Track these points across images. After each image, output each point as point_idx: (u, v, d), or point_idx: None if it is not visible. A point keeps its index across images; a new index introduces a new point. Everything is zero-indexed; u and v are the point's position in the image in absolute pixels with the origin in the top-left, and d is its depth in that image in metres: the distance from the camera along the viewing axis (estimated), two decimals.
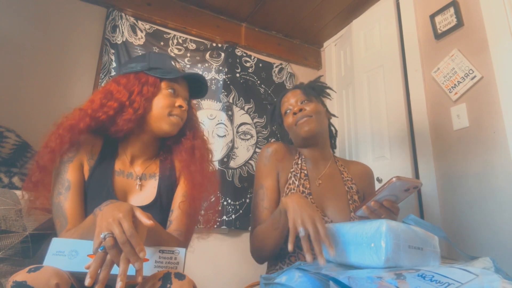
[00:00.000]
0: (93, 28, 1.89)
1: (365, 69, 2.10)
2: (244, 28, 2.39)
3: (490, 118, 1.43)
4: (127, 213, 0.67)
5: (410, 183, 0.83)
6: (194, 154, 1.02)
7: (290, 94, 1.22)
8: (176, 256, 0.76)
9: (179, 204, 0.96)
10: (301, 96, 1.19)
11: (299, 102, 1.18)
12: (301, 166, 1.16)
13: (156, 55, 1.03)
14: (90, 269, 0.61)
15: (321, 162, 1.20)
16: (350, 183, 1.18)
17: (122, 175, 0.96)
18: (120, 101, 0.91)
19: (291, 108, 1.19)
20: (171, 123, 0.96)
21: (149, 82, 0.95)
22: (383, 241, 0.72)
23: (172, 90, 0.97)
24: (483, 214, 1.42)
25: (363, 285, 0.62)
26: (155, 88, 0.95)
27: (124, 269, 0.62)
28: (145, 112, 0.94)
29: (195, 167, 0.99)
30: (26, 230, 1.06)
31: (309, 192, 1.10)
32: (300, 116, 1.14)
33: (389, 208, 0.88)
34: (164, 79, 0.97)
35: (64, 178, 0.88)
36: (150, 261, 0.74)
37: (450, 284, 0.59)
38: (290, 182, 1.12)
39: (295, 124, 1.16)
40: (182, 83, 1.01)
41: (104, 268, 0.62)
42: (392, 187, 0.82)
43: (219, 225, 1.91)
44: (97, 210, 0.72)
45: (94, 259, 0.62)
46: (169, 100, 0.96)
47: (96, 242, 0.64)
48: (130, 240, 0.63)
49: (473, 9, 1.54)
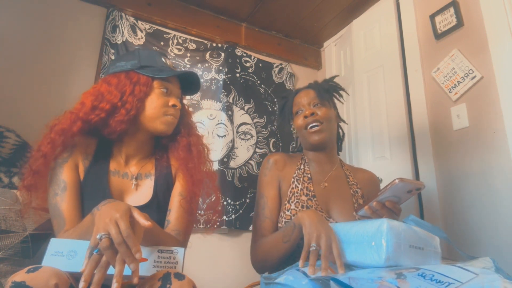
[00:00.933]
0: (93, 28, 1.89)
1: (365, 69, 2.10)
2: (244, 28, 2.39)
3: (490, 118, 1.43)
4: (124, 213, 0.66)
5: (412, 185, 0.83)
6: (191, 151, 1.01)
7: (303, 94, 1.20)
8: (174, 255, 0.76)
9: (176, 203, 0.95)
10: (314, 98, 1.17)
11: (312, 105, 1.16)
12: (304, 170, 1.16)
13: (146, 52, 1.00)
14: (84, 273, 0.60)
15: (327, 165, 1.19)
16: (356, 187, 1.17)
17: (118, 175, 0.95)
18: (112, 102, 0.90)
19: (303, 110, 1.17)
20: (166, 123, 0.95)
21: (141, 82, 0.93)
22: (384, 240, 0.72)
23: (165, 89, 0.96)
24: (483, 214, 1.42)
25: (364, 285, 0.62)
26: (148, 87, 0.93)
27: (120, 270, 0.61)
28: (138, 113, 0.92)
29: (193, 164, 0.98)
30: (26, 230, 1.06)
31: (313, 195, 1.09)
32: (311, 120, 1.13)
33: (391, 208, 0.88)
34: (157, 78, 0.95)
35: (60, 179, 0.88)
36: (149, 261, 0.74)
37: (450, 283, 0.59)
38: (293, 187, 1.12)
39: (304, 127, 1.15)
40: (174, 81, 0.99)
41: (99, 270, 0.61)
42: (394, 189, 0.82)
43: (219, 225, 1.91)
44: (95, 210, 0.71)
45: (89, 262, 0.62)
46: (163, 100, 0.95)
47: (93, 241, 0.64)
48: (127, 241, 0.63)
49: (473, 9, 1.54)
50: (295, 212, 1.05)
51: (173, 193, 0.98)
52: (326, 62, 2.60)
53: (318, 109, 1.15)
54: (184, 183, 0.98)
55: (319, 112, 1.14)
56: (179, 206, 0.95)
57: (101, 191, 0.90)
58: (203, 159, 1.03)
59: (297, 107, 1.19)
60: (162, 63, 0.98)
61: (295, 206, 1.07)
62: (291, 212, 1.06)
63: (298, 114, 1.18)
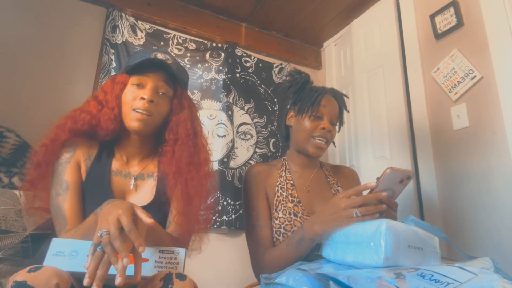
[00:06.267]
0: (93, 28, 1.89)
1: (365, 69, 2.10)
2: (244, 28, 2.39)
3: (490, 118, 1.43)
4: (126, 210, 0.67)
5: (403, 173, 0.85)
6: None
7: (333, 103, 1.17)
8: (176, 256, 0.76)
9: (178, 203, 0.94)
10: (336, 115, 1.18)
11: (332, 121, 1.16)
12: (286, 178, 1.16)
13: (139, 52, 0.99)
14: (88, 269, 0.61)
15: (308, 169, 1.21)
16: (336, 186, 1.20)
17: (120, 175, 0.95)
18: (99, 101, 0.93)
19: (323, 119, 1.14)
20: (135, 119, 0.90)
21: (118, 79, 0.95)
22: (382, 240, 0.72)
23: (137, 83, 0.93)
24: (483, 214, 1.41)
25: (363, 284, 0.62)
26: (123, 84, 0.94)
27: (122, 267, 0.61)
28: (121, 111, 0.93)
29: (193, 164, 0.96)
30: (26, 230, 1.06)
31: (298, 201, 1.10)
32: (322, 135, 1.13)
33: (388, 203, 0.87)
34: (132, 73, 0.94)
35: (62, 179, 0.88)
36: (150, 261, 0.74)
37: (449, 283, 0.59)
38: (278, 195, 1.12)
39: (312, 135, 1.13)
40: (156, 74, 0.94)
41: (101, 266, 0.62)
42: (388, 178, 0.84)
43: (219, 225, 1.92)
44: (98, 210, 0.72)
45: (92, 258, 0.62)
46: (133, 94, 0.92)
47: (95, 238, 0.64)
48: (129, 235, 0.63)
49: (473, 9, 1.54)
50: (284, 220, 1.06)
51: (175, 193, 0.96)
52: (326, 62, 2.60)
53: (333, 128, 1.17)
54: (185, 183, 0.95)
55: (333, 133, 1.17)
56: (180, 206, 0.93)
57: (103, 191, 0.90)
58: (202, 154, 1.00)
59: (321, 113, 1.15)
60: (150, 59, 0.94)
61: (282, 214, 1.07)
62: (279, 220, 1.06)
63: (316, 119, 1.15)
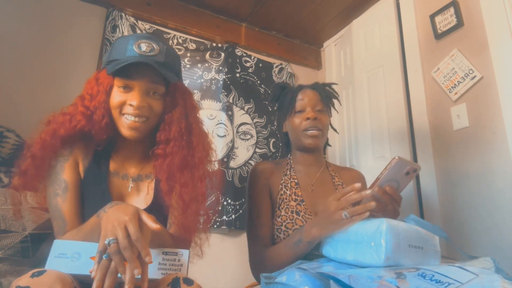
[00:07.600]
0: (93, 28, 1.89)
1: (365, 69, 2.10)
2: (244, 28, 2.39)
3: (490, 118, 1.43)
4: (133, 216, 0.65)
5: (410, 165, 0.86)
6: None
7: (310, 95, 1.17)
8: (179, 258, 0.75)
9: (178, 204, 0.90)
10: (318, 102, 1.17)
11: (316, 109, 1.16)
12: (291, 176, 1.16)
13: (120, 40, 0.87)
14: (95, 279, 0.60)
15: (313, 167, 1.20)
16: (341, 187, 1.18)
17: (117, 176, 0.92)
18: (86, 106, 0.85)
19: (306, 111, 1.15)
20: (127, 127, 0.84)
21: (101, 80, 0.85)
22: (383, 239, 0.72)
23: (123, 86, 0.84)
24: (483, 213, 1.41)
25: (364, 284, 0.62)
26: (108, 85, 0.84)
27: (131, 277, 0.60)
28: (111, 117, 0.86)
29: (194, 163, 0.93)
30: (25, 230, 1.06)
31: (301, 199, 1.10)
32: (311, 125, 1.13)
33: (392, 195, 0.87)
34: (117, 75, 0.84)
35: (61, 178, 0.85)
36: (154, 263, 0.73)
37: (450, 283, 0.59)
38: (281, 193, 1.12)
39: (303, 129, 1.14)
40: (143, 75, 0.84)
41: (109, 276, 0.61)
42: (394, 168, 0.84)
43: (219, 225, 1.91)
44: (102, 212, 0.70)
45: (99, 267, 0.61)
46: (119, 98, 0.84)
47: (101, 245, 0.63)
48: (136, 244, 0.62)
49: (473, 9, 1.54)
50: (286, 218, 1.06)
51: (175, 194, 0.92)
52: (326, 62, 2.60)
53: (320, 114, 1.15)
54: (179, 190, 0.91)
55: (322, 118, 1.15)
56: (177, 215, 0.90)
57: (101, 192, 0.87)
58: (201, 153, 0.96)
59: (301, 106, 1.17)
60: (132, 53, 0.83)
61: (285, 212, 1.07)
62: (281, 218, 1.06)
63: (299, 114, 1.16)
